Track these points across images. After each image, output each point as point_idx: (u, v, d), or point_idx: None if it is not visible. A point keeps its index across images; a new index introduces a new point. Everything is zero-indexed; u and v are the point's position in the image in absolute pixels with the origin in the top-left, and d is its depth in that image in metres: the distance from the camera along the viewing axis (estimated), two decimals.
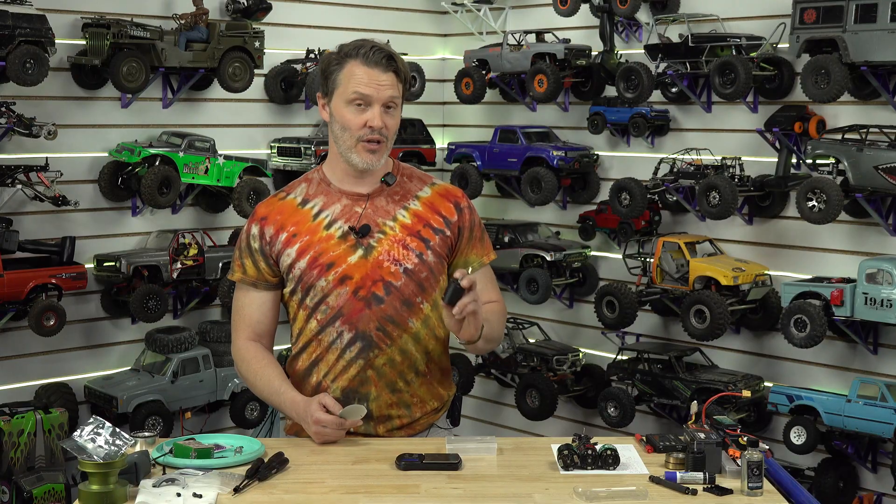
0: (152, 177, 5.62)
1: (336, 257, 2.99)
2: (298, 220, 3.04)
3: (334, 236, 3.00)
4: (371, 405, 3.01)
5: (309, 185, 3.11)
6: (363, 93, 2.93)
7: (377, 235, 3.00)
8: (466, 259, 3.13)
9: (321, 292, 2.99)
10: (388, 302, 2.99)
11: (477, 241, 3.16)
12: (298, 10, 6.55)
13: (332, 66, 2.98)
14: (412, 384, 3.05)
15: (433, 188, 3.14)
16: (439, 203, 3.10)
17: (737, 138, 5.84)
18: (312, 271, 2.99)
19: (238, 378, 5.97)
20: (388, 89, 2.96)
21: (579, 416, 6.67)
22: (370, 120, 2.95)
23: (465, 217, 3.12)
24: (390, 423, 3.05)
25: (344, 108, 2.97)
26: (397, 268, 2.99)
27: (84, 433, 2.49)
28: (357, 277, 2.98)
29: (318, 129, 6.61)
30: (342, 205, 3.04)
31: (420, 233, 3.04)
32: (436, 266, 3.06)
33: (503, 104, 6.96)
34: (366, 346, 2.99)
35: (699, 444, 2.63)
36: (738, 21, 5.78)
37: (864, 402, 5.13)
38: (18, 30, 5.12)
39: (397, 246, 3.00)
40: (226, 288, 5.89)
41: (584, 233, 6.48)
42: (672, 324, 6.17)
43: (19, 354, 5.59)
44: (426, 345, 3.06)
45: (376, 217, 3.02)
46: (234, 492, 2.51)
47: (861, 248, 5.40)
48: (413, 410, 3.07)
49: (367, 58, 2.94)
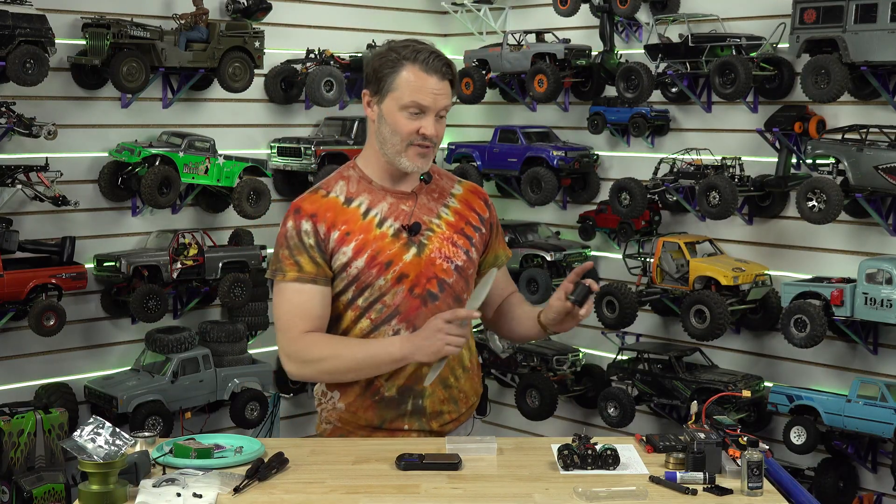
0: (152, 177, 5.62)
1: (393, 255, 2.96)
2: (348, 219, 2.98)
3: (387, 234, 2.98)
4: (426, 402, 3.01)
5: (348, 183, 3.04)
6: (422, 104, 2.91)
7: (427, 233, 3.01)
8: (496, 254, 3.21)
9: (379, 291, 2.96)
10: (443, 299, 2.99)
11: (501, 236, 3.25)
12: (298, 10, 6.55)
13: (387, 69, 2.93)
14: (460, 379, 3.08)
15: (463, 185, 3.18)
16: (472, 200, 3.15)
17: (737, 138, 5.84)
18: (371, 270, 2.95)
19: (238, 378, 5.99)
20: (444, 98, 2.94)
21: (579, 416, 6.67)
22: (424, 128, 2.93)
23: (493, 213, 3.21)
24: (441, 419, 3.05)
25: (398, 113, 2.93)
26: (449, 265, 3.01)
27: (84, 433, 2.49)
28: (412, 275, 2.97)
29: (318, 129, 6.62)
30: (388, 203, 3.01)
31: (464, 230, 3.07)
32: (476, 262, 3.12)
33: (503, 104, 6.96)
34: None
35: (699, 444, 2.63)
36: (738, 21, 5.78)
37: (864, 402, 5.13)
38: (18, 30, 5.12)
39: (447, 244, 3.02)
40: (226, 288, 5.89)
41: (584, 233, 6.49)
42: (672, 324, 6.17)
43: (19, 354, 5.59)
44: (470, 341, 3.11)
45: (423, 215, 3.03)
46: (234, 492, 2.51)
47: (861, 248, 5.40)
48: (460, 405, 3.09)
49: (427, 64, 2.90)
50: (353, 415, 3.03)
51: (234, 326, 6.09)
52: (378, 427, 3.02)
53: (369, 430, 3.03)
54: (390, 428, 3.02)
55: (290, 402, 6.63)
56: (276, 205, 6.28)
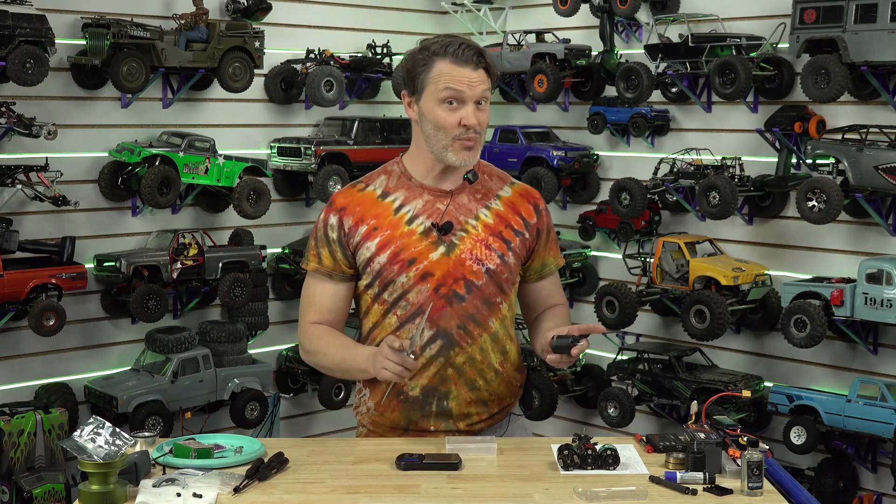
0: (152, 177, 5.62)
1: (418, 253, 2.95)
2: (379, 213, 2.99)
3: (416, 232, 2.96)
4: (451, 403, 2.99)
5: (389, 178, 3.05)
6: (456, 88, 2.90)
7: (459, 233, 2.97)
8: (544, 261, 3.14)
9: (401, 288, 2.95)
10: (469, 301, 2.96)
11: (553, 243, 3.16)
12: (298, 10, 6.55)
13: (420, 67, 2.94)
14: (491, 383, 3.03)
15: (513, 187, 3.12)
16: (520, 204, 3.09)
17: (737, 138, 5.84)
18: (393, 266, 2.95)
19: (238, 378, 6.00)
20: (480, 86, 2.93)
21: (579, 416, 6.67)
22: (465, 118, 2.92)
23: (543, 219, 3.12)
24: (469, 420, 3.03)
25: (436, 108, 2.92)
26: (479, 267, 2.97)
27: (84, 433, 2.49)
28: (439, 275, 2.94)
29: (318, 129, 6.61)
30: (424, 200, 3.00)
31: (502, 234, 3.02)
32: (515, 267, 3.05)
33: (503, 104, 6.96)
34: (447, 345, 2.95)
35: (699, 444, 2.63)
36: (738, 21, 5.78)
37: (864, 402, 5.13)
38: (18, 30, 5.12)
39: (480, 245, 2.98)
40: (226, 288, 5.89)
41: (584, 233, 6.49)
42: (672, 324, 6.17)
43: (19, 354, 5.59)
44: (504, 344, 3.04)
45: (459, 215, 2.99)
46: (234, 492, 2.51)
47: (861, 248, 5.40)
48: (490, 407, 3.06)
49: (457, 56, 2.90)
50: (381, 416, 3.03)
51: (234, 326, 6.09)
52: (405, 428, 3.02)
53: (398, 431, 3.03)
54: (417, 429, 3.01)
55: (290, 402, 6.62)
56: (276, 205, 6.27)
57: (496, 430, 3.08)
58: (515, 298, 3.12)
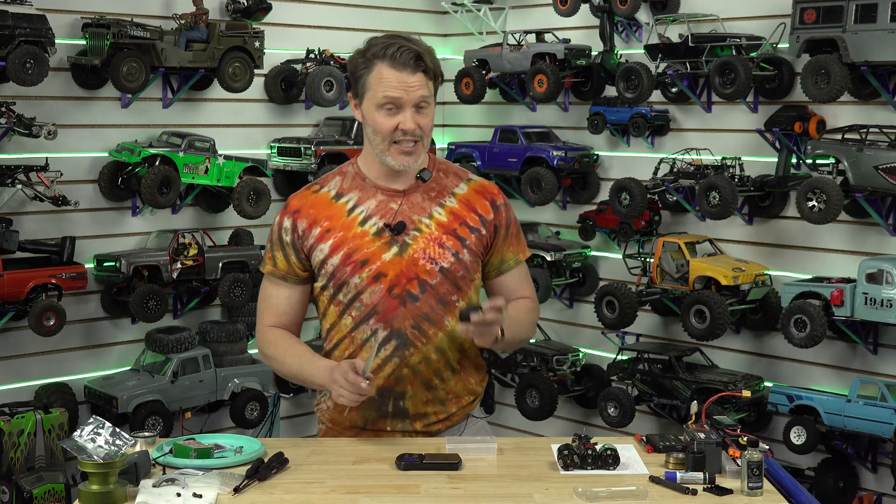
0: (152, 177, 5.62)
1: (370, 254, 2.95)
2: (332, 215, 3.00)
3: (369, 233, 2.96)
4: (407, 403, 2.99)
5: (343, 179, 3.06)
6: (393, 96, 2.88)
7: (413, 233, 2.96)
8: (502, 257, 3.11)
9: (355, 289, 2.96)
10: (424, 300, 2.95)
11: (513, 238, 3.13)
12: (298, 10, 6.55)
13: (361, 70, 2.93)
14: (447, 381, 3.02)
15: (469, 184, 3.09)
16: (475, 200, 3.06)
17: (737, 138, 5.84)
18: (346, 268, 2.95)
19: (238, 378, 6.00)
20: (418, 90, 2.89)
21: (579, 416, 6.67)
22: (402, 123, 2.90)
23: (501, 215, 3.09)
24: (427, 420, 3.03)
25: (375, 112, 2.92)
26: (433, 266, 2.96)
27: (84, 433, 2.49)
28: (392, 275, 2.94)
29: (318, 129, 6.61)
30: (377, 200, 3.00)
31: (456, 231, 3.00)
32: (471, 265, 3.03)
33: (503, 104, 6.95)
34: (401, 345, 2.95)
35: (699, 444, 2.63)
36: (738, 21, 5.78)
37: (864, 402, 5.13)
38: (18, 30, 5.12)
39: (433, 244, 2.97)
40: (226, 288, 5.89)
41: (584, 233, 6.49)
42: (672, 324, 6.17)
43: (19, 354, 5.59)
44: (461, 342, 3.02)
45: (412, 214, 2.98)
46: (234, 492, 2.51)
47: (861, 248, 5.40)
48: (448, 406, 3.05)
49: (395, 59, 2.87)
50: (339, 414, 3.03)
51: (234, 326, 6.10)
52: (362, 428, 3.02)
53: (355, 430, 3.03)
54: (373, 429, 3.01)
55: (290, 402, 6.62)
56: (276, 205, 6.26)
57: (454, 431, 3.06)
58: (478, 297, 3.08)
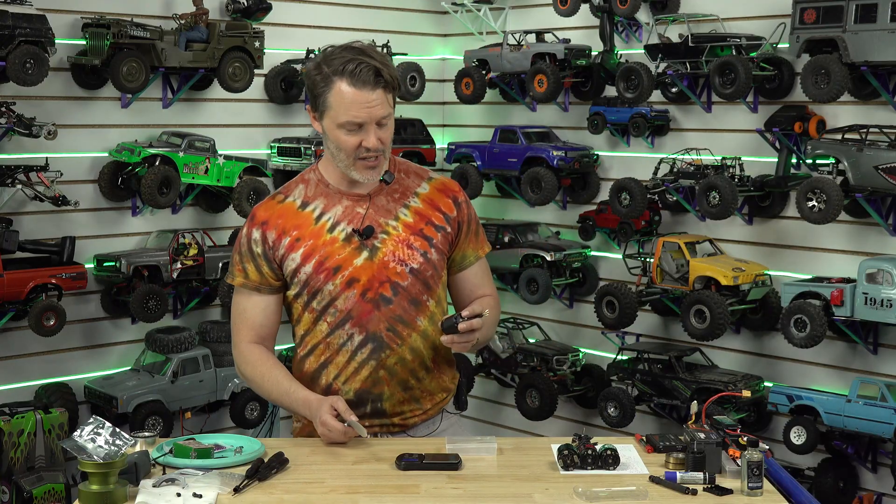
0: (152, 177, 5.62)
1: (342, 260, 2.97)
2: (300, 224, 3.01)
3: (338, 239, 2.98)
4: (384, 404, 3.01)
5: (307, 187, 3.07)
6: (355, 122, 2.88)
7: (381, 236, 2.99)
8: (464, 253, 3.14)
9: (329, 296, 2.97)
10: (397, 302, 2.98)
11: (473, 234, 3.15)
12: (298, 10, 6.55)
13: (320, 87, 2.91)
14: (423, 380, 3.05)
15: (430, 183, 3.11)
16: (438, 199, 3.08)
17: (737, 138, 5.84)
18: (319, 275, 2.97)
19: (238, 378, 5.98)
20: (379, 108, 2.89)
21: (579, 416, 6.67)
22: (365, 141, 2.91)
23: (463, 212, 3.11)
24: (403, 416, 3.06)
25: (337, 131, 2.92)
26: (403, 268, 2.98)
27: (84, 433, 2.49)
28: (364, 280, 2.96)
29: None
30: (343, 206, 3.01)
31: (423, 231, 3.03)
32: (439, 263, 3.06)
33: (503, 104, 6.95)
34: (377, 347, 2.98)
35: (699, 444, 2.63)
36: (738, 21, 5.78)
37: (864, 402, 5.13)
38: (18, 30, 5.12)
39: (402, 246, 2.99)
40: (226, 288, 5.89)
41: (584, 233, 6.48)
42: (672, 324, 6.17)
43: (19, 354, 5.59)
44: (433, 340, 3.05)
45: (378, 217, 3.00)
46: (234, 492, 2.51)
47: (861, 248, 5.40)
48: (423, 403, 3.08)
49: (355, 77, 2.85)
50: None
51: None
52: None
53: None
54: None
55: None
56: None
57: (429, 425, 3.09)
58: (444, 293, 3.12)
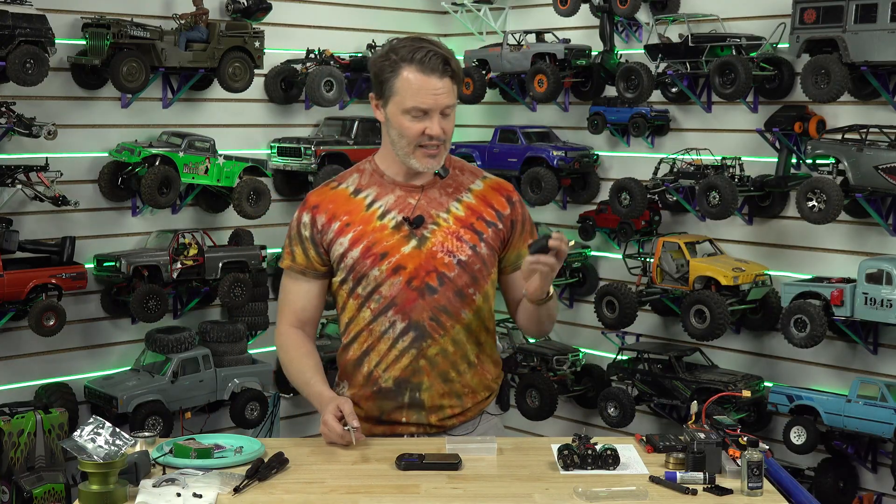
0: (152, 177, 5.62)
1: (390, 247, 2.99)
2: (351, 210, 3.04)
3: (388, 226, 3.00)
4: (423, 395, 3.02)
5: (361, 176, 3.10)
6: (422, 107, 2.91)
7: (431, 227, 3.01)
8: (519, 252, 3.13)
9: (374, 282, 3.00)
10: (442, 292, 2.99)
11: (528, 234, 3.17)
12: (298, 10, 6.55)
13: (387, 73, 2.93)
14: (464, 374, 3.06)
15: (485, 181, 3.14)
16: (492, 196, 3.11)
17: (737, 138, 5.84)
18: (366, 261, 2.99)
19: (238, 378, 6.00)
20: (445, 97, 2.93)
21: (579, 416, 6.67)
22: (429, 128, 2.93)
23: (517, 211, 3.14)
24: (442, 413, 3.05)
25: (401, 117, 2.94)
26: (451, 259, 3.00)
27: (84, 433, 2.49)
28: (411, 268, 2.98)
29: (318, 129, 6.61)
30: (395, 196, 3.04)
31: (473, 225, 3.05)
32: (489, 258, 3.07)
33: (503, 104, 6.96)
34: (419, 336, 2.99)
35: (699, 444, 2.63)
36: (738, 21, 5.78)
37: (864, 402, 5.13)
38: (18, 30, 5.12)
39: (451, 237, 3.01)
40: (226, 288, 5.89)
41: (584, 233, 6.49)
42: (672, 324, 6.17)
43: (19, 354, 5.59)
44: (478, 336, 3.07)
45: (430, 208, 3.03)
46: (234, 492, 2.51)
47: (861, 248, 5.40)
48: (464, 400, 3.07)
49: (424, 64, 2.89)
50: (356, 406, 3.04)
51: (234, 326, 6.10)
52: (378, 418, 3.05)
53: (372, 422, 3.05)
54: (389, 420, 3.04)
55: (290, 402, 6.62)
56: (276, 205, 6.27)
57: (468, 427, 3.09)
58: (493, 291, 3.13)
